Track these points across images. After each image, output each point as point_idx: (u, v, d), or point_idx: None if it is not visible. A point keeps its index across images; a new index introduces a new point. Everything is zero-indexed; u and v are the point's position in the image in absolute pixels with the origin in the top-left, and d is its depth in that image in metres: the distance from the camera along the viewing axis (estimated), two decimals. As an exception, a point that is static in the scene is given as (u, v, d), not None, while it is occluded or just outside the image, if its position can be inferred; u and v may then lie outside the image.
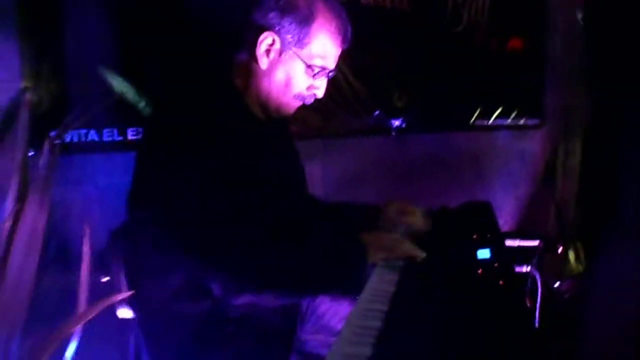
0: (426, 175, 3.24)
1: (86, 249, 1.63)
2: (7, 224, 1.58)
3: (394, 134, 3.15)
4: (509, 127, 3.63)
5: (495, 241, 1.70)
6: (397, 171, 3.19)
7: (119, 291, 1.52)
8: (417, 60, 3.24)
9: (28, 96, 1.81)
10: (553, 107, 3.53)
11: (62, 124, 1.98)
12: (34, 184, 1.65)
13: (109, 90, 2.23)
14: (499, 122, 3.47)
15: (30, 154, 1.96)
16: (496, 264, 1.50)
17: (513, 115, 3.60)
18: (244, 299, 1.39)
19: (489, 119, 3.48)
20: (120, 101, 2.25)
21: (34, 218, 1.61)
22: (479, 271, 1.45)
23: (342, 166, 3.04)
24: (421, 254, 1.53)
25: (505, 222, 3.62)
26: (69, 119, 2.03)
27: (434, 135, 3.33)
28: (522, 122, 3.68)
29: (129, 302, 1.55)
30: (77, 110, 2.04)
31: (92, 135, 2.34)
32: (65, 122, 2.01)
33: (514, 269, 1.52)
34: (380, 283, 1.41)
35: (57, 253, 2.10)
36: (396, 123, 3.16)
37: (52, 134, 1.78)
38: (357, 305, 1.29)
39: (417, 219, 1.79)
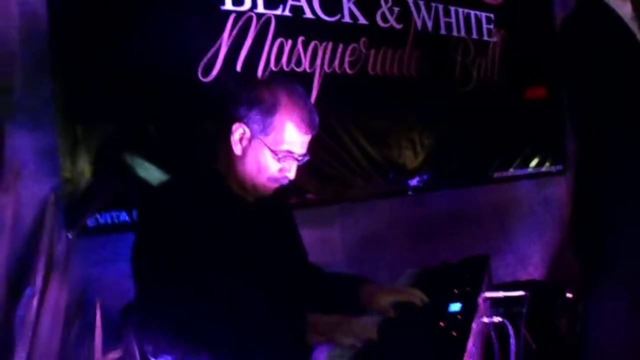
0: (447, 232, 3.32)
1: (98, 322, 1.82)
2: (35, 301, 1.80)
3: (410, 193, 3.27)
4: (532, 175, 3.70)
5: (470, 295, 1.80)
6: (417, 230, 3.29)
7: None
8: (429, 121, 3.38)
9: (53, 195, 2.04)
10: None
11: (87, 211, 2.23)
12: (56, 265, 1.87)
13: (132, 175, 2.48)
14: (519, 171, 3.53)
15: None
16: (460, 317, 1.60)
17: (534, 163, 3.67)
18: None
19: (508, 169, 3.55)
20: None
21: (57, 295, 1.83)
22: (442, 323, 1.55)
23: (360, 229, 3.16)
24: (371, 335, 1.51)
25: (533, 271, 3.65)
26: (93, 206, 2.27)
27: (452, 192, 3.42)
28: (544, 169, 3.74)
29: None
30: (100, 197, 2.27)
31: (124, 217, 2.57)
32: (90, 208, 2.26)
33: (471, 320, 1.59)
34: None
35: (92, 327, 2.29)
36: (413, 183, 3.29)
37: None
38: None
39: (382, 302, 1.80)
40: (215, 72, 2.70)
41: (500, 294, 1.98)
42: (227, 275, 1.64)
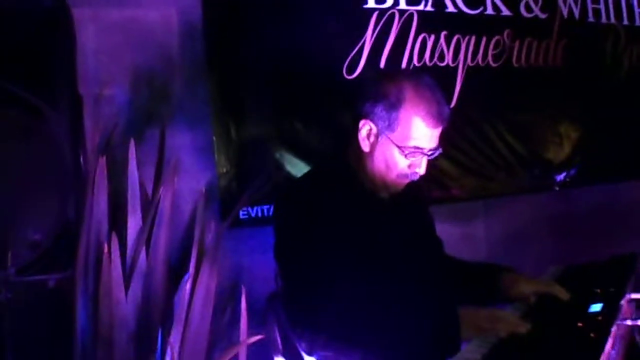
0: (595, 229, 3.11)
1: (243, 306, 1.87)
2: (188, 285, 1.89)
3: (557, 188, 3.10)
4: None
5: (613, 296, 1.67)
6: (563, 226, 3.11)
7: (275, 345, 1.75)
8: (577, 114, 3.19)
9: (203, 189, 2.13)
10: None
11: (239, 204, 2.32)
12: (207, 254, 1.95)
13: (281, 170, 2.55)
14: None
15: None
16: (600, 317, 1.48)
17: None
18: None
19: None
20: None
21: (207, 281, 1.91)
22: (580, 324, 1.44)
23: (504, 225, 3.05)
24: (522, 327, 1.48)
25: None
26: (245, 200, 2.35)
27: (602, 187, 3.20)
28: None
29: (283, 354, 1.76)
30: (251, 191, 2.35)
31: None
32: (242, 201, 2.34)
33: (612, 322, 1.47)
34: (464, 352, 1.43)
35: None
36: (559, 177, 3.12)
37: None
38: None
39: (525, 290, 1.76)
40: (359, 69, 2.70)
41: (644, 295, 1.82)
42: (368, 271, 1.62)
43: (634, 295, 1.88)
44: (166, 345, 1.72)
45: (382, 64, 2.75)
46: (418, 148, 1.67)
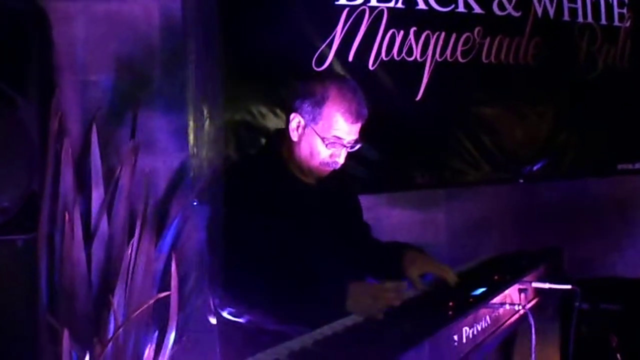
0: (560, 222, 3.35)
1: (174, 269, 2.22)
2: (129, 251, 2.24)
3: (521, 181, 3.35)
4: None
5: (502, 282, 1.96)
6: (526, 218, 3.35)
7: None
8: (547, 109, 3.42)
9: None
10: None
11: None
12: (147, 224, 2.31)
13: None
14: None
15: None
16: (471, 299, 1.78)
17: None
18: (259, 318, 1.89)
19: (634, 162, 3.48)
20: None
21: (148, 247, 2.28)
22: (451, 303, 1.74)
23: (466, 213, 3.31)
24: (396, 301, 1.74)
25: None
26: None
27: (570, 182, 3.43)
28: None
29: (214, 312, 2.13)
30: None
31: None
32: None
33: (479, 304, 1.77)
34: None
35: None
36: (524, 170, 3.36)
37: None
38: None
39: (413, 272, 2.01)
40: (328, 62, 3.01)
41: (546, 285, 2.09)
42: (285, 244, 1.95)
43: (535, 284, 2.18)
44: (110, 304, 2.10)
45: (350, 58, 3.05)
46: (338, 139, 1.99)
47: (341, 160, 2.04)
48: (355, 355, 1.44)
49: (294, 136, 2.04)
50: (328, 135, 1.99)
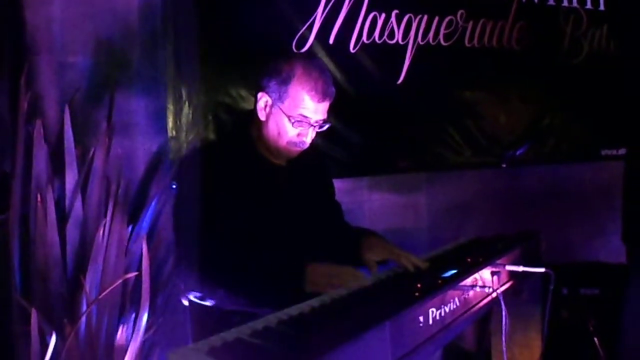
0: (542, 207, 3.38)
1: (145, 251, 2.24)
2: (101, 231, 2.26)
3: (504, 166, 3.37)
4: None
5: (473, 265, 1.99)
6: (508, 202, 3.39)
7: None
8: (530, 94, 3.43)
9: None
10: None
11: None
12: (119, 205, 2.33)
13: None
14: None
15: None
16: (440, 281, 1.81)
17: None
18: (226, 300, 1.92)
19: (618, 147, 3.50)
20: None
21: (119, 228, 2.29)
22: (419, 285, 1.77)
23: (447, 197, 3.34)
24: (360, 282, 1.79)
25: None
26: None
27: (554, 167, 3.46)
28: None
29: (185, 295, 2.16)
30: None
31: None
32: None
33: (446, 285, 1.80)
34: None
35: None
36: (507, 155, 3.38)
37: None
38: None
39: (370, 257, 2.05)
40: (308, 44, 3.02)
41: (520, 268, 2.12)
42: (248, 225, 1.98)
43: (509, 267, 2.21)
44: (82, 285, 2.12)
45: (331, 41, 3.06)
46: (304, 117, 2.01)
47: (308, 139, 2.05)
48: (316, 335, 1.46)
49: (262, 115, 2.06)
50: (294, 114, 2.00)
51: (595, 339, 2.88)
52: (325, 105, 2.03)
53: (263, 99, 2.05)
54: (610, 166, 3.51)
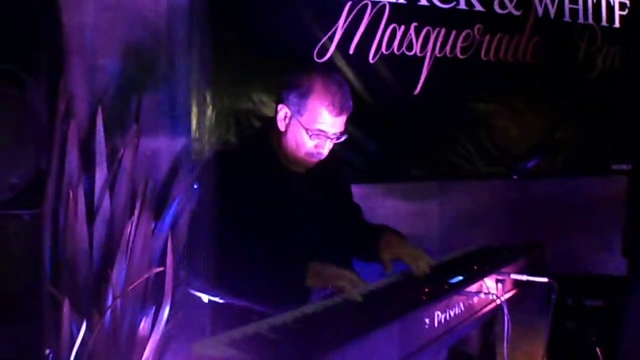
0: (551, 220, 3.49)
1: (170, 248, 2.38)
2: (128, 229, 2.41)
3: (515, 177, 3.49)
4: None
5: (478, 272, 2.12)
6: (519, 214, 3.50)
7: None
8: (544, 108, 3.56)
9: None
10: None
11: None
12: (146, 203, 2.48)
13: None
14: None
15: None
16: (446, 287, 1.95)
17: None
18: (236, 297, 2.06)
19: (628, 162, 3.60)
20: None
21: (146, 226, 2.44)
22: (427, 289, 1.91)
23: (460, 206, 3.46)
24: (353, 293, 1.84)
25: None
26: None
27: (564, 180, 3.57)
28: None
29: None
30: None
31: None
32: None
33: (452, 291, 1.93)
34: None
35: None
36: (519, 167, 3.50)
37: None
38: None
39: (385, 256, 2.17)
40: (329, 54, 3.17)
41: (524, 277, 2.24)
42: (265, 228, 2.11)
43: (514, 276, 2.33)
44: (109, 278, 2.27)
45: (351, 51, 3.20)
46: (322, 131, 2.13)
47: (325, 151, 2.18)
48: (328, 331, 1.61)
49: (282, 126, 2.19)
50: (312, 127, 2.12)
51: (598, 349, 3.00)
52: (342, 119, 2.16)
53: (283, 111, 2.18)
54: (619, 181, 3.60)
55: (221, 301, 2.13)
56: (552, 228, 3.45)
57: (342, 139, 2.21)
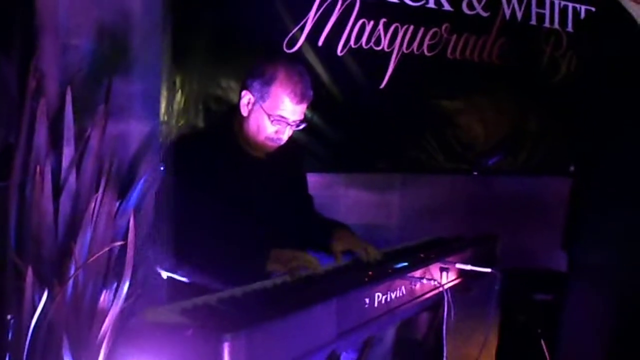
0: (509, 216, 3.67)
1: (132, 225, 2.51)
2: (92, 205, 2.54)
3: (475, 173, 3.68)
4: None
5: (423, 260, 2.28)
6: (478, 209, 3.67)
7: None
8: (506, 107, 3.73)
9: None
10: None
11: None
12: (111, 181, 2.61)
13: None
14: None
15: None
16: (390, 270, 2.11)
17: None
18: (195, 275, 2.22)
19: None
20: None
21: (109, 203, 2.57)
22: (370, 273, 2.07)
23: (419, 199, 3.63)
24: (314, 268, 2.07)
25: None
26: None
27: (524, 179, 3.75)
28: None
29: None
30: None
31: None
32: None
33: (395, 275, 2.09)
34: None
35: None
36: (479, 164, 3.69)
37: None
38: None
39: (337, 247, 2.34)
40: (298, 45, 3.31)
41: (467, 267, 2.41)
42: (224, 210, 2.26)
43: (459, 265, 2.49)
44: (72, 251, 2.41)
45: (320, 43, 3.35)
46: (282, 117, 2.29)
47: (285, 137, 2.34)
48: (273, 304, 1.77)
49: (244, 111, 2.34)
50: (274, 113, 2.28)
51: (543, 342, 3.18)
52: (302, 107, 2.31)
53: (246, 97, 2.33)
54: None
55: (186, 281, 2.27)
56: (509, 224, 3.61)
57: (302, 126, 2.37)
